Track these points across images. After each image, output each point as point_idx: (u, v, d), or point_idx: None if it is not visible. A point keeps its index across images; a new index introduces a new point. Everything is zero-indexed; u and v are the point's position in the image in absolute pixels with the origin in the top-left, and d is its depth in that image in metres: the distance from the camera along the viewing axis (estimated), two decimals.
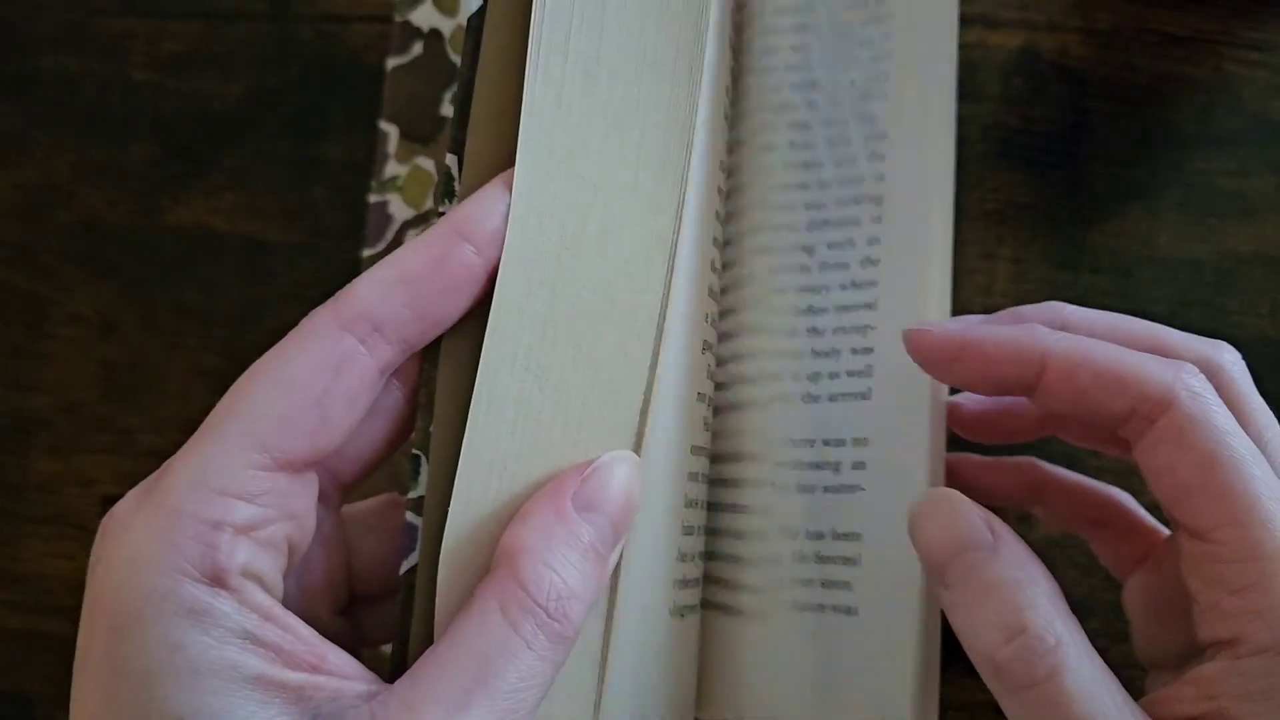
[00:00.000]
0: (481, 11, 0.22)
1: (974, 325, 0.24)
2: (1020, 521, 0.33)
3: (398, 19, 0.36)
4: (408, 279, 0.21)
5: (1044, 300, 0.25)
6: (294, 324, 0.21)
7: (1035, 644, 0.20)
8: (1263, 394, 0.23)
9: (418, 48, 0.36)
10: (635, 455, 0.22)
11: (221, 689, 0.18)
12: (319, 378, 0.20)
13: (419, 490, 0.21)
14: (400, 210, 0.35)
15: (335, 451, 0.21)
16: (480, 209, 0.21)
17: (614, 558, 0.22)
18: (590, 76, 0.22)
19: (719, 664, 0.27)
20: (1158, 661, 0.25)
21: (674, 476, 0.24)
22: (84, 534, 0.36)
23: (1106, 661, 0.21)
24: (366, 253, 0.35)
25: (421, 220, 0.35)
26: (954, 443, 0.28)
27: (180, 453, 0.20)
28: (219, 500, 0.19)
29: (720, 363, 0.29)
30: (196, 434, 0.20)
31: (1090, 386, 0.22)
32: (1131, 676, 0.22)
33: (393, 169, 0.35)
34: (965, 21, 0.34)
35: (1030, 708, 0.20)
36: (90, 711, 0.19)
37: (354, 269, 0.36)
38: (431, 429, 0.21)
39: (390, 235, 0.35)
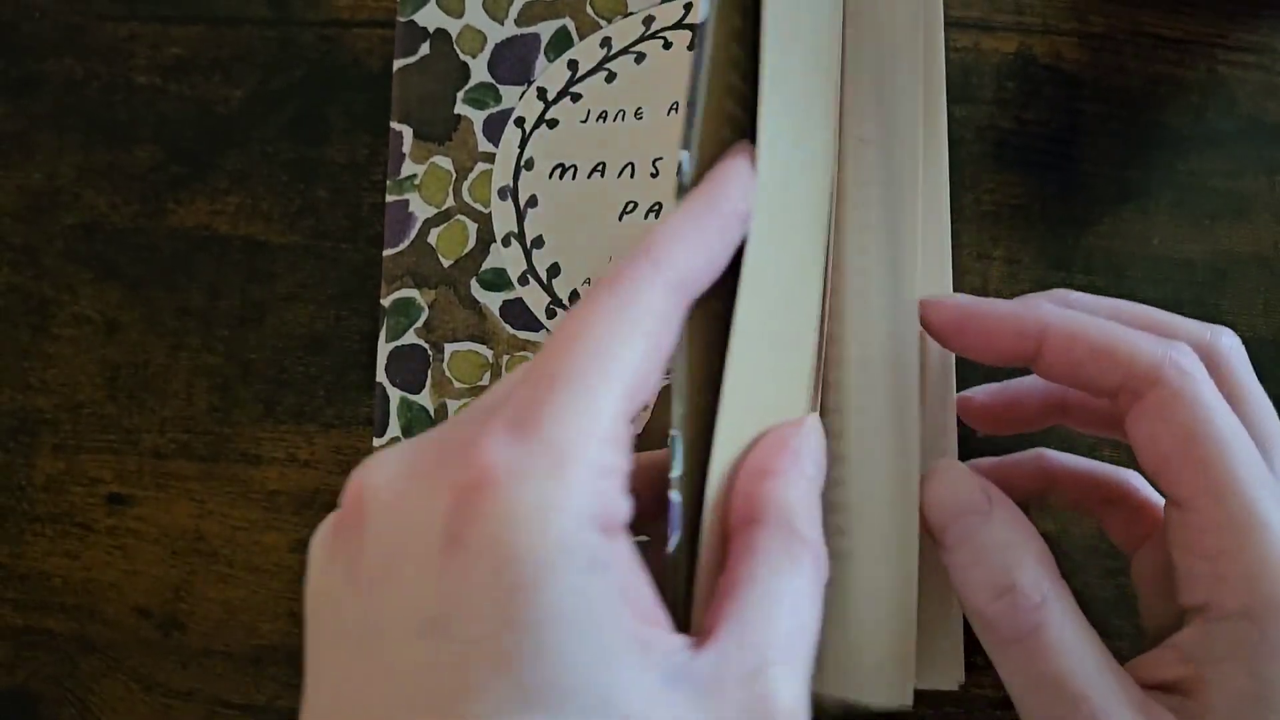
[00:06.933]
0: (705, 22, 0.23)
1: (981, 300, 0.26)
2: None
3: (401, 20, 0.36)
4: (706, 237, 0.21)
5: None
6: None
7: (1021, 601, 0.22)
8: None
9: (425, 48, 0.36)
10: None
11: (610, 646, 0.17)
12: (664, 333, 0.20)
13: (678, 469, 0.21)
14: (420, 209, 0.35)
15: None
16: (730, 187, 0.22)
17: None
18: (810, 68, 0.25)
19: None
20: (1160, 633, 0.25)
21: None
22: (87, 533, 0.36)
23: None
24: (388, 252, 0.35)
25: (444, 218, 0.35)
26: (965, 444, 0.28)
27: (541, 396, 0.18)
28: (609, 447, 0.18)
29: None
30: (547, 377, 0.19)
31: (1085, 359, 0.23)
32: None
33: (409, 168, 0.36)
34: (960, 25, 0.35)
35: (1016, 661, 0.22)
36: (474, 660, 0.17)
37: (358, 269, 0.36)
38: (684, 410, 0.21)
39: (413, 233, 0.35)
